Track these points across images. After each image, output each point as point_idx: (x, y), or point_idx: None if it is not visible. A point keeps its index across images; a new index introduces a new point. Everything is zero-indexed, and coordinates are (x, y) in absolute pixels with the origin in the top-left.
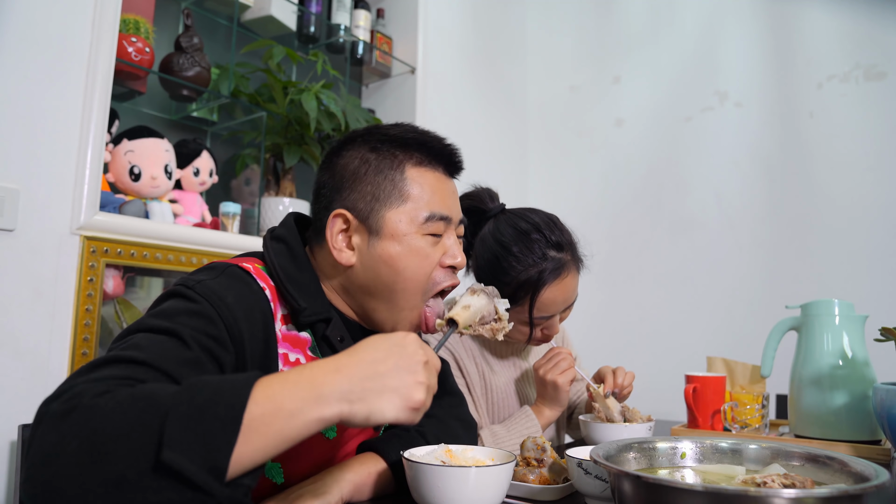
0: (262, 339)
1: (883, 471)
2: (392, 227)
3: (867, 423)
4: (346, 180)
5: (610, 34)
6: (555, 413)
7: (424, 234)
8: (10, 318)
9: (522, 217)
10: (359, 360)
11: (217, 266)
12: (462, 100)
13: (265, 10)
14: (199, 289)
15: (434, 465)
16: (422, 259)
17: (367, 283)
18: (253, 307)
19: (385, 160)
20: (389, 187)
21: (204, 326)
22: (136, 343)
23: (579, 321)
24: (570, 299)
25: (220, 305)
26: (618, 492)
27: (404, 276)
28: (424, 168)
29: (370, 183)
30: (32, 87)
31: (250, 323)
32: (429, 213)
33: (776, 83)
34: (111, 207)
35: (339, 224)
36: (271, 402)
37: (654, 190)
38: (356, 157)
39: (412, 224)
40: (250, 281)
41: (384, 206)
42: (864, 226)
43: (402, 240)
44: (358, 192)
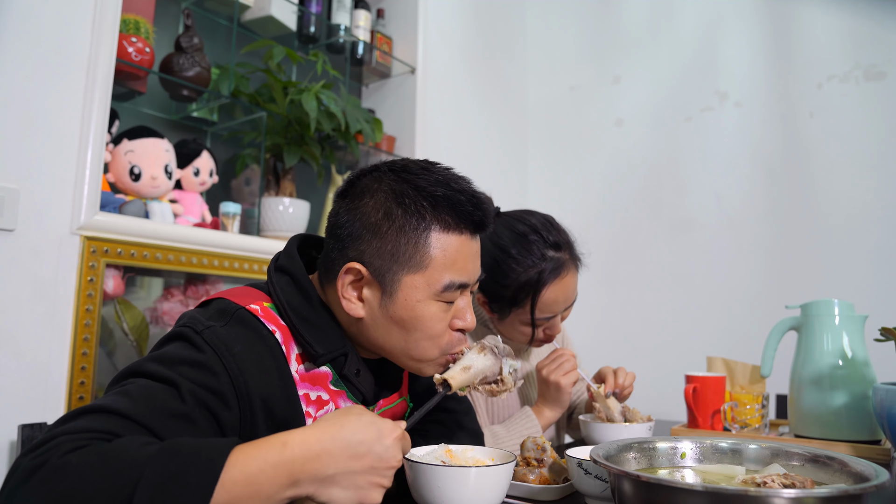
0: (278, 385)
1: (883, 471)
2: (407, 292)
3: (867, 423)
4: (366, 230)
5: (610, 34)
6: (556, 414)
7: (438, 301)
8: (10, 318)
9: (518, 219)
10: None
11: (226, 309)
12: (462, 100)
13: (265, 11)
14: (207, 336)
15: (434, 466)
16: (434, 324)
17: (377, 337)
18: (263, 355)
19: (411, 219)
20: (412, 250)
21: (205, 379)
22: (128, 391)
23: (580, 321)
24: (570, 298)
25: (227, 356)
26: (618, 492)
27: (415, 337)
28: (451, 233)
29: (391, 241)
30: (33, 87)
31: (261, 372)
32: (448, 282)
33: (776, 83)
34: (111, 207)
35: (352, 276)
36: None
37: (654, 190)
38: (381, 207)
39: (428, 291)
40: (259, 326)
41: (403, 268)
42: (864, 226)
43: (416, 306)
44: (376, 247)
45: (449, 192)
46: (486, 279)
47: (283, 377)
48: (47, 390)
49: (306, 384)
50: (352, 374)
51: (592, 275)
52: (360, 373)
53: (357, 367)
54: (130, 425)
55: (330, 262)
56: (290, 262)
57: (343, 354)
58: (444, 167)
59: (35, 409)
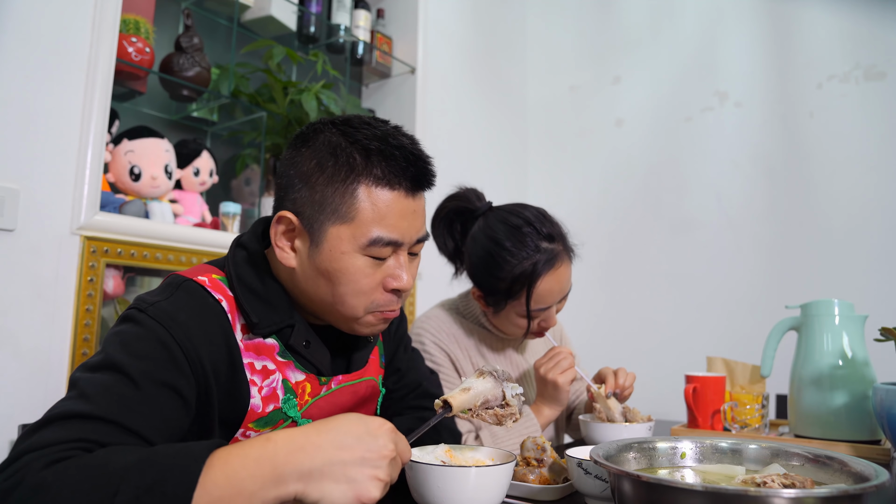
0: (224, 351)
1: (883, 471)
2: (332, 243)
3: (867, 423)
4: (298, 180)
5: (610, 34)
6: (554, 412)
7: (365, 256)
8: (10, 318)
9: (512, 212)
10: (327, 442)
11: (172, 282)
12: (462, 100)
13: (265, 10)
14: (152, 312)
15: (434, 466)
16: (360, 278)
17: (306, 289)
18: (209, 322)
19: (341, 170)
20: (338, 201)
21: (156, 354)
22: (83, 392)
23: (580, 321)
24: (564, 289)
25: (173, 326)
26: (618, 492)
27: (340, 290)
28: (381, 187)
29: (320, 192)
30: (33, 87)
31: (208, 338)
32: (374, 237)
33: (776, 83)
34: (111, 207)
35: (283, 226)
36: (231, 485)
37: (654, 190)
38: (314, 156)
39: (353, 243)
40: (205, 295)
41: (329, 218)
42: (864, 226)
43: (340, 258)
44: (307, 196)
45: (384, 146)
46: (480, 273)
47: (229, 344)
48: (47, 390)
49: (251, 353)
50: (299, 345)
51: (592, 274)
52: (309, 344)
53: (305, 339)
54: (98, 426)
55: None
56: (250, 238)
57: (289, 326)
58: (391, 125)
59: (35, 409)
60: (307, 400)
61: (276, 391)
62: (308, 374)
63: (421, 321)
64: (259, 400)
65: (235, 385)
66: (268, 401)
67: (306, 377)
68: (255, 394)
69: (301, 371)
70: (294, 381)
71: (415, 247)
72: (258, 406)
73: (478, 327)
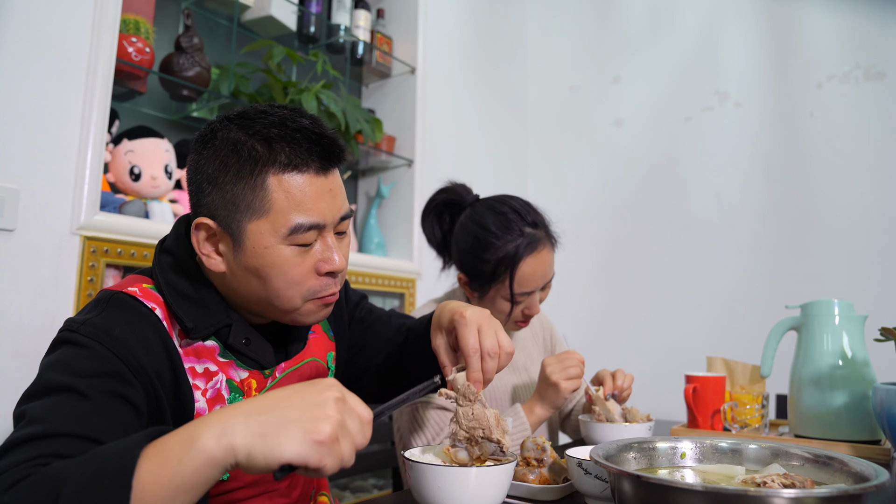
0: (164, 358)
1: (883, 471)
2: (254, 240)
3: (867, 423)
4: (206, 183)
5: (610, 34)
6: (546, 413)
7: (290, 245)
8: (10, 318)
9: (498, 200)
10: (262, 399)
11: (102, 297)
12: (462, 100)
13: (265, 10)
14: (85, 330)
15: (435, 465)
16: (290, 269)
17: (240, 290)
18: (145, 331)
19: (245, 165)
20: (249, 196)
21: (99, 367)
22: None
23: (580, 321)
24: (547, 274)
25: (109, 341)
26: (618, 492)
27: (273, 285)
28: (290, 172)
29: (229, 191)
30: (33, 87)
31: (146, 348)
32: (294, 224)
33: (776, 83)
34: (111, 207)
35: (204, 232)
36: (158, 455)
37: (654, 190)
38: (217, 156)
39: (274, 236)
40: (137, 305)
41: (244, 216)
42: (864, 226)
43: (264, 253)
44: (218, 199)
45: (284, 132)
46: (467, 257)
47: (168, 351)
48: None
49: (191, 358)
50: (239, 343)
51: (592, 274)
52: (249, 341)
53: (245, 336)
54: (54, 441)
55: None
56: (174, 242)
57: (226, 326)
58: (288, 108)
59: None
60: (254, 395)
61: (220, 392)
62: (251, 370)
63: None
64: (204, 403)
65: (180, 391)
66: (213, 402)
67: (250, 374)
68: (199, 397)
69: (244, 368)
70: (239, 380)
71: (340, 225)
72: (204, 409)
73: None
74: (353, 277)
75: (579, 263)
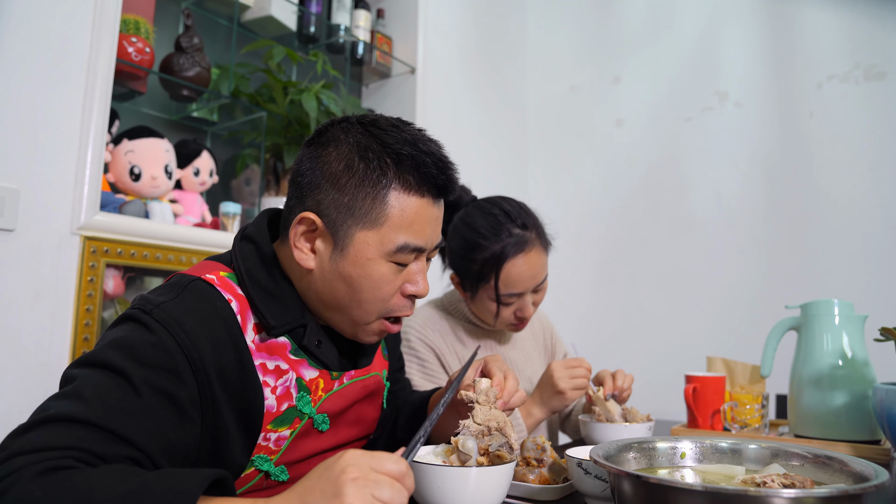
0: (233, 356)
1: (883, 471)
2: (358, 248)
3: (867, 423)
4: (325, 180)
5: (610, 34)
6: (543, 416)
7: (390, 262)
8: (10, 318)
9: (489, 201)
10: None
11: (179, 282)
12: (462, 100)
13: (265, 10)
14: (158, 314)
15: (435, 466)
16: (383, 285)
17: (322, 292)
18: (217, 327)
19: (372, 174)
20: (368, 205)
21: (159, 360)
22: (80, 392)
23: (580, 321)
24: (537, 276)
25: (179, 333)
26: (618, 492)
27: (360, 297)
28: (412, 194)
29: (349, 194)
30: (33, 87)
31: (214, 346)
32: (402, 243)
33: (776, 83)
34: (111, 207)
35: (305, 226)
36: None
37: (654, 190)
38: (343, 158)
39: (380, 249)
40: (215, 296)
41: (357, 223)
42: (864, 226)
43: (366, 263)
44: (334, 198)
45: (415, 152)
46: (456, 257)
47: (238, 348)
48: (47, 390)
49: (263, 354)
50: (312, 344)
51: (592, 274)
52: (321, 343)
53: (318, 339)
54: (93, 433)
55: (288, 212)
56: (257, 232)
57: (301, 326)
58: (416, 128)
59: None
60: (321, 395)
61: (289, 390)
62: (321, 370)
63: (408, 319)
64: (273, 400)
65: (248, 388)
66: (282, 400)
67: (319, 374)
68: (269, 394)
69: (314, 368)
70: (308, 379)
71: (432, 252)
72: (273, 406)
73: (463, 322)
74: None
75: (579, 263)
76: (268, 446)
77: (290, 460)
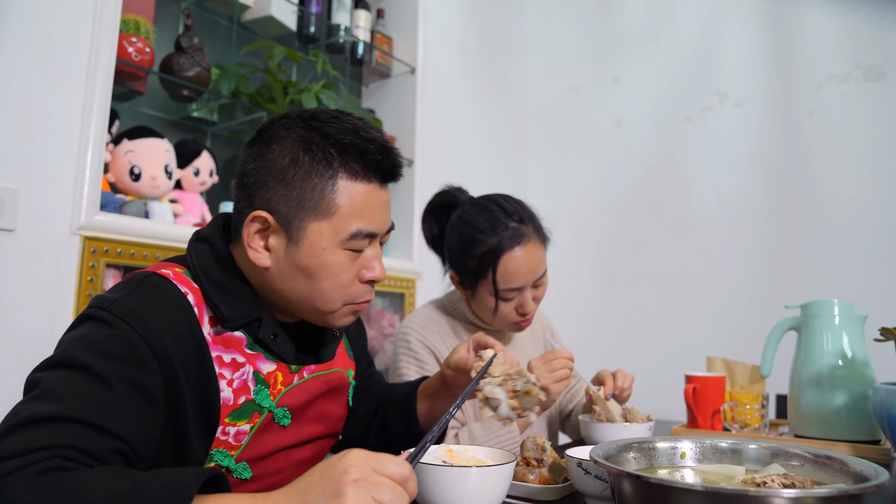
0: (192, 347)
1: (883, 471)
2: (313, 239)
3: (867, 423)
4: (271, 177)
5: (610, 34)
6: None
7: (345, 249)
8: (10, 318)
9: (486, 198)
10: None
11: (134, 278)
12: (462, 100)
13: (265, 10)
14: (116, 309)
15: (435, 465)
16: (340, 273)
17: (282, 288)
18: (176, 317)
19: (318, 166)
20: (318, 196)
21: (123, 352)
22: (51, 391)
23: (579, 321)
24: (536, 269)
25: (139, 324)
26: (618, 492)
27: (320, 286)
28: (359, 181)
29: (297, 188)
30: (33, 87)
31: (175, 335)
32: (355, 230)
33: (776, 83)
34: (111, 207)
35: (258, 225)
36: None
37: (654, 190)
38: (287, 153)
39: (334, 238)
40: (171, 288)
41: (309, 215)
42: (864, 226)
43: (321, 254)
44: (282, 194)
45: (358, 140)
46: (454, 255)
47: (197, 338)
48: None
49: (219, 346)
50: (267, 338)
51: (592, 274)
52: (276, 337)
53: (273, 332)
54: (74, 428)
55: (238, 214)
56: (211, 234)
57: (256, 320)
58: (356, 117)
59: None
60: (280, 389)
61: (246, 383)
62: (278, 363)
63: (408, 319)
64: (230, 392)
65: (206, 380)
66: (239, 393)
67: (277, 367)
68: (225, 387)
69: (271, 361)
70: (265, 372)
71: (385, 237)
72: (229, 399)
73: (465, 324)
74: None
75: (579, 263)
76: (227, 441)
77: (252, 456)
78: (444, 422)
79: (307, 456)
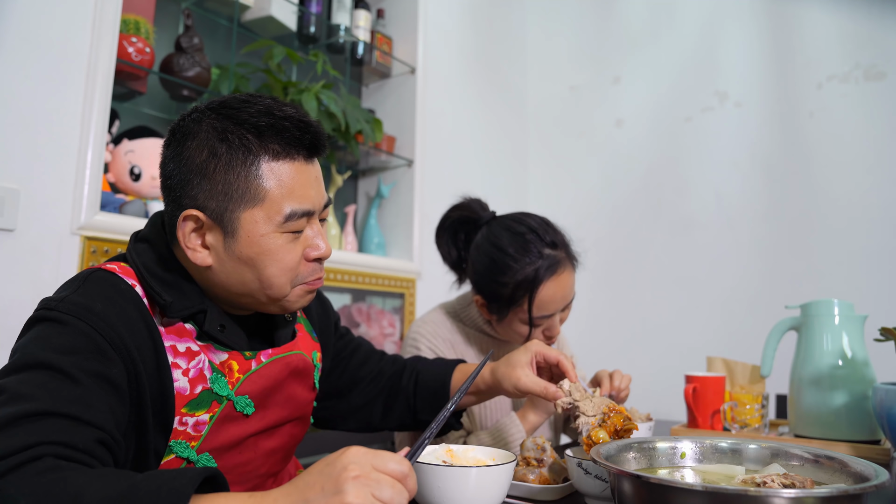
0: (146, 335)
1: (883, 471)
2: (248, 229)
3: (867, 423)
4: (193, 174)
5: (610, 34)
6: (539, 418)
7: (284, 233)
8: (10, 318)
9: (515, 220)
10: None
11: (78, 276)
12: (462, 100)
13: (265, 11)
14: (64, 307)
15: (435, 465)
16: (284, 256)
17: (229, 283)
18: (126, 307)
19: (237, 154)
20: (243, 185)
21: (81, 345)
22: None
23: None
24: (567, 296)
25: (90, 317)
26: (618, 492)
27: (267, 273)
28: (282, 160)
29: (221, 181)
30: (33, 87)
31: (128, 324)
32: (289, 211)
33: (776, 83)
34: (112, 207)
35: (191, 224)
36: None
37: (654, 190)
38: (204, 147)
39: (270, 224)
40: (117, 281)
41: (238, 205)
42: (864, 226)
43: (260, 241)
44: (208, 189)
45: (273, 120)
46: (483, 279)
47: (150, 327)
48: None
49: (172, 336)
50: (214, 329)
51: (592, 275)
52: (224, 328)
53: (220, 323)
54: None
55: (170, 218)
56: (149, 231)
57: (201, 311)
58: (268, 97)
59: None
60: (238, 377)
61: (203, 372)
62: (230, 352)
63: (418, 324)
64: (185, 382)
65: (160, 369)
66: (196, 382)
67: (229, 355)
68: (180, 376)
69: (223, 351)
70: (219, 362)
71: (323, 212)
72: (184, 389)
73: (477, 333)
74: (353, 277)
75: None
76: (186, 431)
77: (215, 447)
78: (443, 418)
79: (276, 445)
